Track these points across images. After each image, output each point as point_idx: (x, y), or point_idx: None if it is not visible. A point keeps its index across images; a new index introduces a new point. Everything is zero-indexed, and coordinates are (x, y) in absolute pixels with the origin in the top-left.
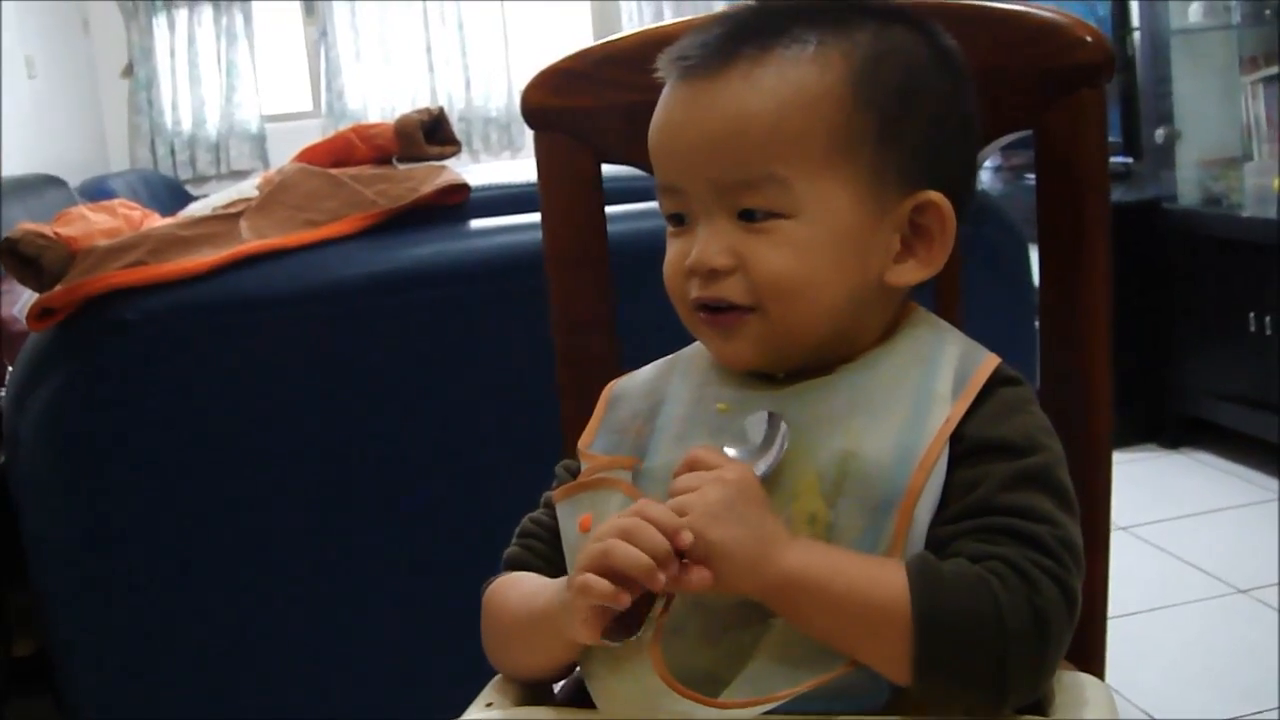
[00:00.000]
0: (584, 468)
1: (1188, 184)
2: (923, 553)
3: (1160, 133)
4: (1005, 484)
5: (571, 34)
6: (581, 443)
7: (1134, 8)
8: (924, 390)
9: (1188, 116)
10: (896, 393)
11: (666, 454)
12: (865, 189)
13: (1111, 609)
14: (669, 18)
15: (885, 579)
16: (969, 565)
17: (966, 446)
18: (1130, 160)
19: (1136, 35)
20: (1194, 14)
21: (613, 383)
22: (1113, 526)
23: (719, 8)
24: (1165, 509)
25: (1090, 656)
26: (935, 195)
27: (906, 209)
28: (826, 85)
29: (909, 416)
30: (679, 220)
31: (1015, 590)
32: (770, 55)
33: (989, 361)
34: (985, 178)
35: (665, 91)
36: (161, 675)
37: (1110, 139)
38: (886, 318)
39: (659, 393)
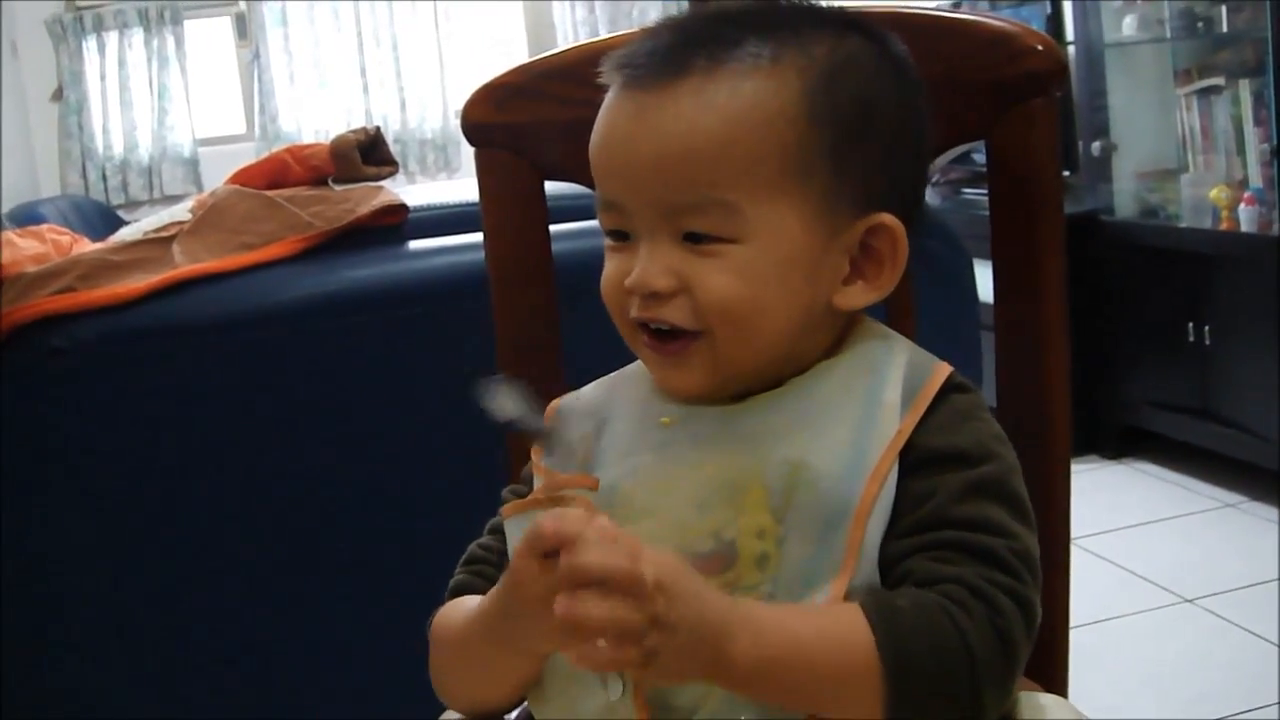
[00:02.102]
0: (537, 481)
1: (1125, 196)
2: (877, 590)
3: (1097, 145)
4: (958, 495)
5: (507, 55)
6: (534, 455)
7: (1068, 21)
8: (872, 399)
9: (1123, 129)
10: (844, 402)
11: (612, 469)
12: (816, 212)
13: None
14: (603, 33)
15: (845, 634)
16: (927, 596)
17: (918, 456)
18: (1067, 173)
19: (1071, 48)
20: (1128, 27)
21: (556, 401)
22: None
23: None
24: (1109, 520)
25: (1053, 676)
26: (887, 218)
27: (858, 231)
28: (781, 104)
29: (857, 427)
30: (620, 236)
31: (978, 616)
32: (723, 69)
33: (940, 370)
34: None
35: (609, 99)
36: (94, 703)
37: None
38: (834, 335)
39: (603, 410)
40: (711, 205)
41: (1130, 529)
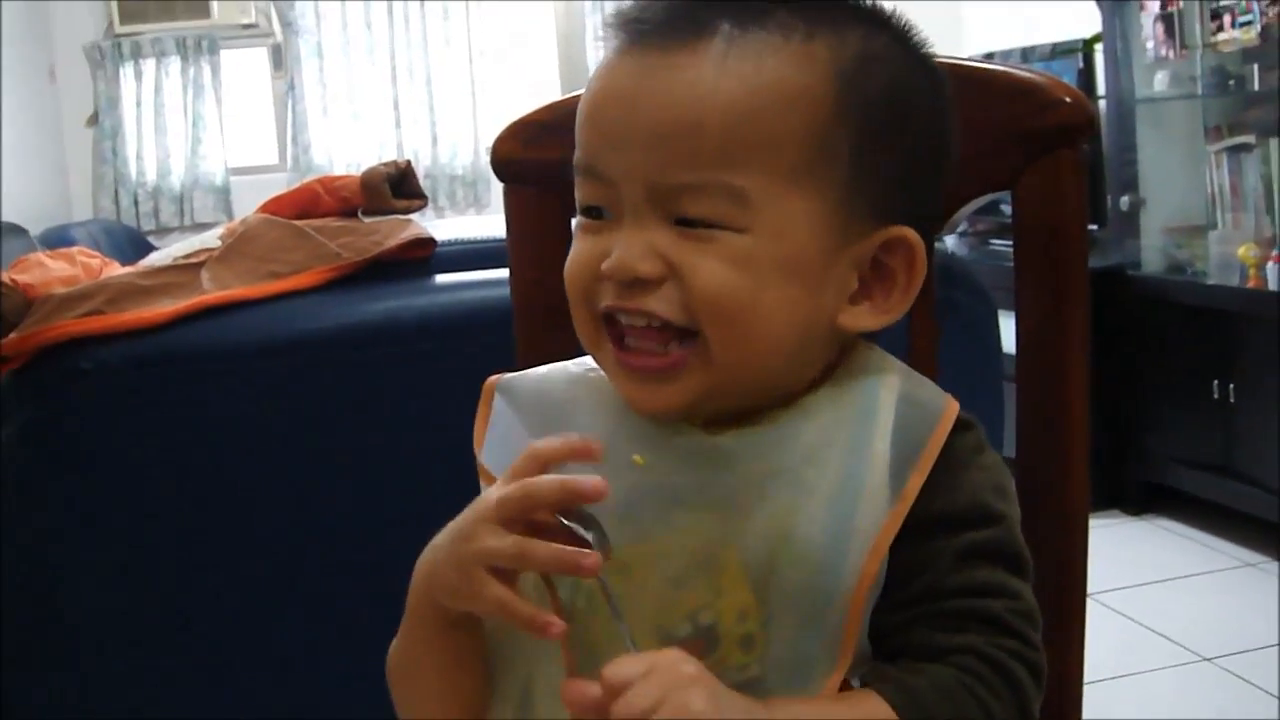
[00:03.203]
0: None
1: (1152, 251)
2: (889, 671)
3: (1125, 200)
4: (955, 563)
5: (539, 94)
6: (476, 444)
7: (1100, 76)
8: (860, 450)
9: (1152, 184)
10: (829, 455)
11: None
12: (830, 213)
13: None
14: None
15: (872, 712)
16: (944, 673)
17: (914, 523)
18: (1095, 227)
19: (1102, 103)
20: (1159, 83)
21: (494, 378)
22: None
23: None
24: (1129, 575)
25: None
26: (909, 232)
27: (873, 244)
28: (810, 84)
29: (843, 486)
30: (597, 214)
31: (996, 688)
32: (749, 36)
33: (946, 418)
34: (950, 242)
35: (607, 58)
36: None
37: None
38: (828, 357)
39: (562, 412)
40: (715, 188)
41: (1150, 585)
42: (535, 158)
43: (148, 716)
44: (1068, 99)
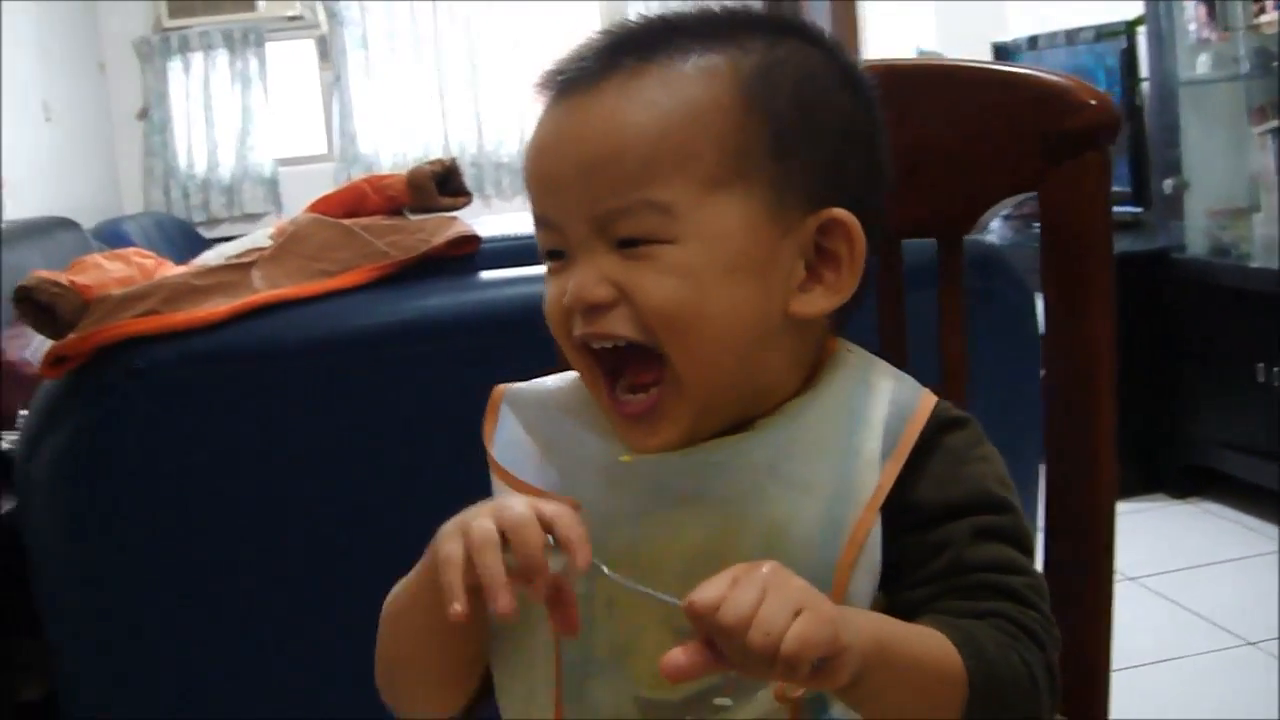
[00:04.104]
0: (497, 488)
1: (1196, 234)
2: (947, 619)
3: (1169, 183)
4: (970, 541)
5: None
6: (486, 441)
7: (1142, 58)
8: (850, 450)
9: (1196, 167)
10: (821, 454)
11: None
12: (760, 208)
13: (1119, 660)
14: None
15: (938, 641)
16: (987, 626)
17: (919, 515)
18: (1139, 210)
19: (1145, 86)
20: (1202, 65)
21: (503, 387)
22: (1121, 577)
23: None
24: (1173, 559)
25: (1093, 716)
26: (841, 213)
27: (810, 229)
28: (713, 95)
29: (836, 484)
30: (558, 255)
31: (1031, 650)
32: (652, 64)
33: (923, 406)
34: (995, 226)
35: (541, 113)
36: (168, 716)
37: (1119, 189)
38: (804, 358)
39: (558, 420)
40: (642, 207)
41: (1195, 569)
42: None
43: (196, 712)
44: (1092, 101)
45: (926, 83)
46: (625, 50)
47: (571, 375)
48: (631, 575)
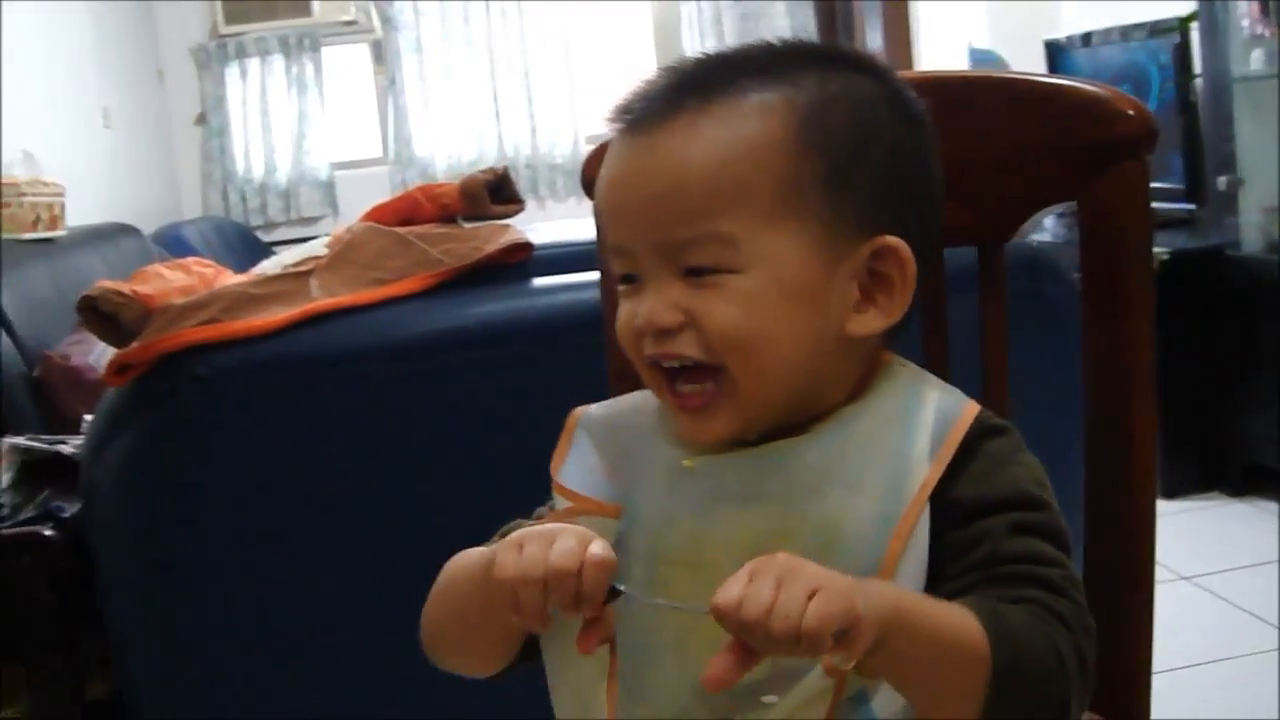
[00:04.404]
0: (558, 502)
1: (1251, 230)
2: (977, 600)
3: (1223, 180)
4: (1009, 534)
5: (636, 81)
6: (554, 468)
7: (1196, 54)
8: (901, 453)
9: (1250, 163)
10: (873, 457)
11: (646, 509)
12: (816, 238)
13: (1173, 660)
14: None
15: (961, 615)
16: (1019, 609)
17: (959, 511)
18: (1193, 207)
19: (1199, 82)
20: (1256, 61)
21: (578, 410)
22: (1175, 576)
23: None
24: (1229, 558)
25: (1133, 716)
26: (893, 240)
27: (863, 255)
28: (769, 134)
29: (888, 485)
30: (630, 279)
31: (1060, 632)
32: (712, 107)
33: (966, 414)
34: (1048, 224)
35: (610, 147)
36: (225, 717)
37: (1172, 185)
38: (856, 370)
39: (628, 431)
40: (707, 239)
41: (1251, 568)
42: None
43: (257, 711)
44: (1130, 112)
45: (968, 94)
46: (688, 91)
47: (639, 394)
48: (690, 570)
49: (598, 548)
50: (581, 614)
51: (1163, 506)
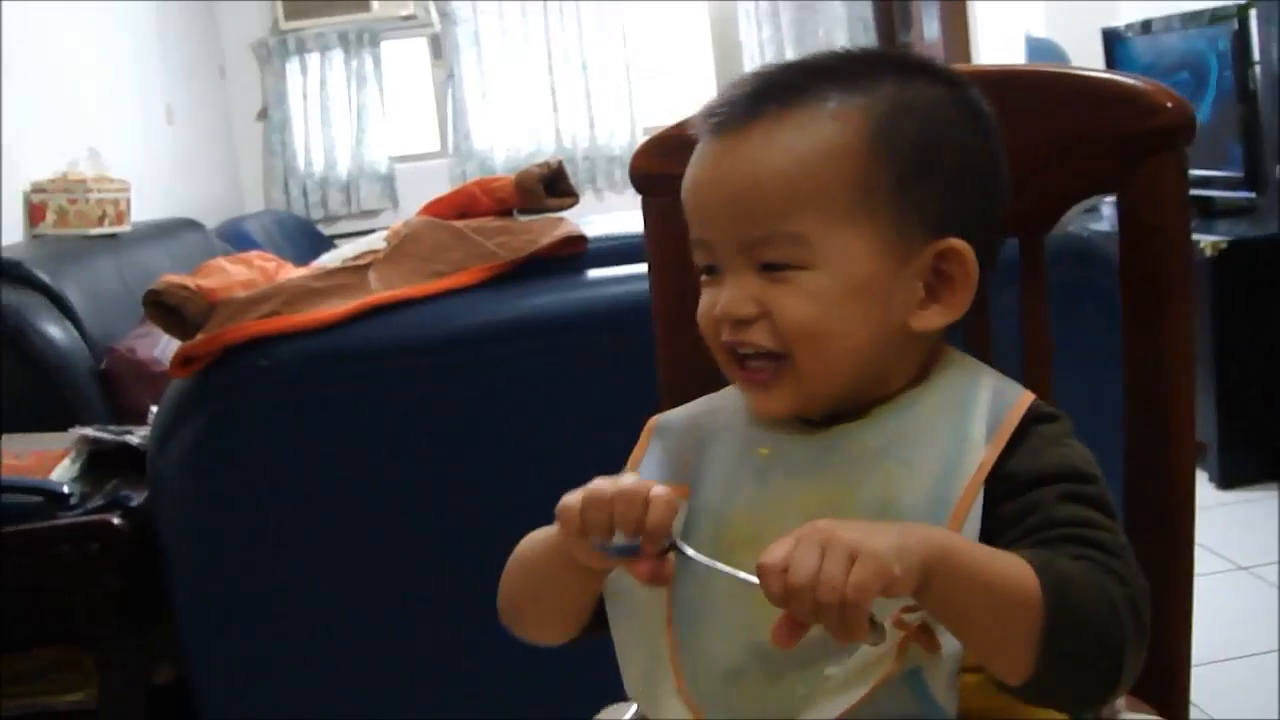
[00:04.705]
0: None
1: None
2: (1031, 549)
3: None
4: (1057, 503)
5: (693, 72)
6: (631, 459)
7: (1254, 41)
8: (959, 435)
9: None
10: (931, 438)
11: (713, 492)
12: (885, 239)
13: (1228, 650)
14: (789, 51)
15: (1013, 561)
16: (1073, 561)
17: (1011, 485)
18: (1253, 195)
19: (1258, 69)
20: None
21: (656, 417)
22: (1233, 566)
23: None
24: None
25: (1172, 703)
26: (957, 243)
27: (928, 257)
28: (844, 141)
29: (945, 464)
30: (711, 270)
31: (1112, 583)
32: (791, 113)
33: (1023, 401)
34: (1106, 212)
35: (697, 148)
36: (293, 705)
37: (1232, 174)
38: (918, 360)
39: (703, 429)
40: (782, 237)
41: None
42: (669, 171)
43: (321, 696)
44: (1169, 104)
45: (1009, 87)
46: (769, 97)
47: (713, 396)
48: (749, 547)
49: (662, 489)
50: (643, 552)
51: (1219, 496)
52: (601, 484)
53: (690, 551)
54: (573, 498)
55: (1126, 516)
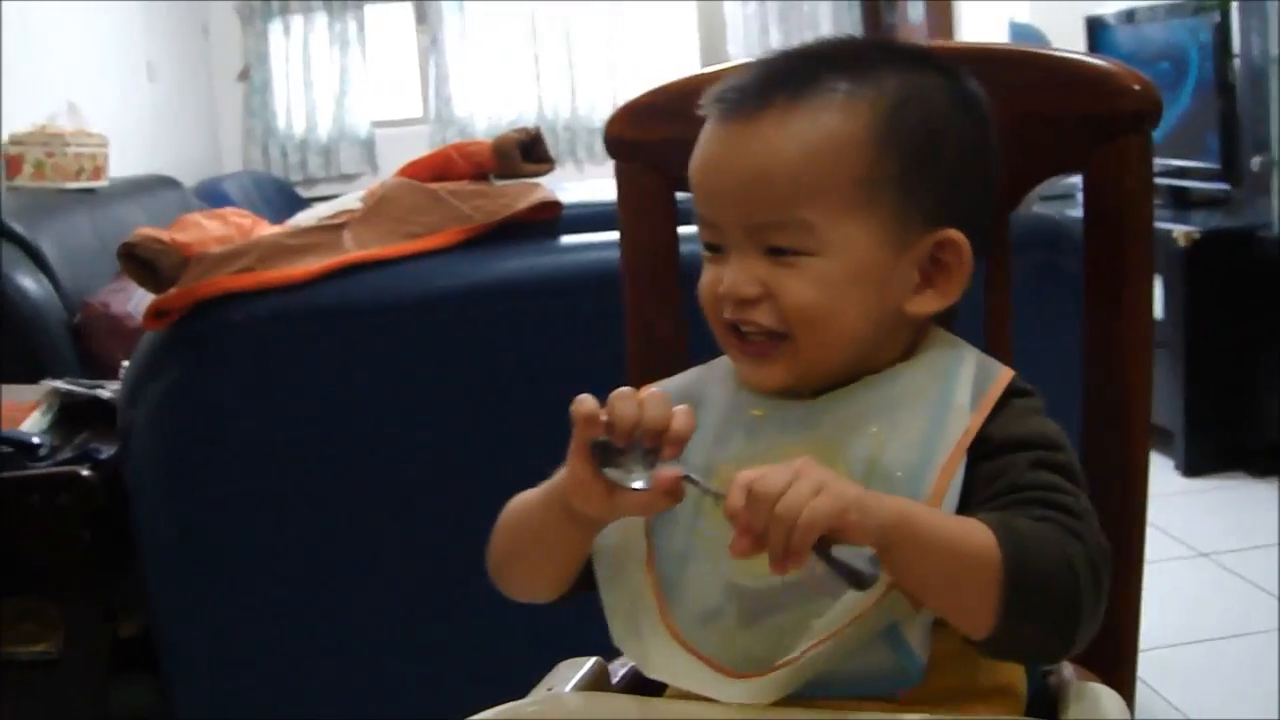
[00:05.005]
0: None
1: None
2: (994, 514)
3: (1257, 160)
4: (1026, 468)
5: (677, 46)
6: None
7: (1235, 33)
8: (944, 401)
9: None
10: (918, 404)
11: (704, 454)
12: (886, 228)
13: (1187, 634)
14: (773, 27)
15: (974, 525)
16: (1034, 522)
17: (986, 447)
18: (1228, 187)
19: (1237, 62)
20: None
21: (647, 386)
22: (1193, 552)
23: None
24: (1248, 537)
25: (1118, 672)
26: (954, 233)
27: (926, 246)
28: (851, 133)
29: (928, 426)
30: (714, 248)
31: (1071, 542)
32: (801, 103)
33: (1004, 376)
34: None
35: (705, 128)
36: (258, 661)
37: (1209, 165)
38: (908, 338)
39: (694, 396)
40: (789, 223)
41: (1269, 547)
42: (642, 137)
43: (280, 648)
44: (1136, 87)
45: (976, 65)
46: (779, 85)
47: (699, 368)
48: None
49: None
50: (663, 456)
51: (1185, 484)
52: (626, 387)
53: (698, 479)
54: (588, 397)
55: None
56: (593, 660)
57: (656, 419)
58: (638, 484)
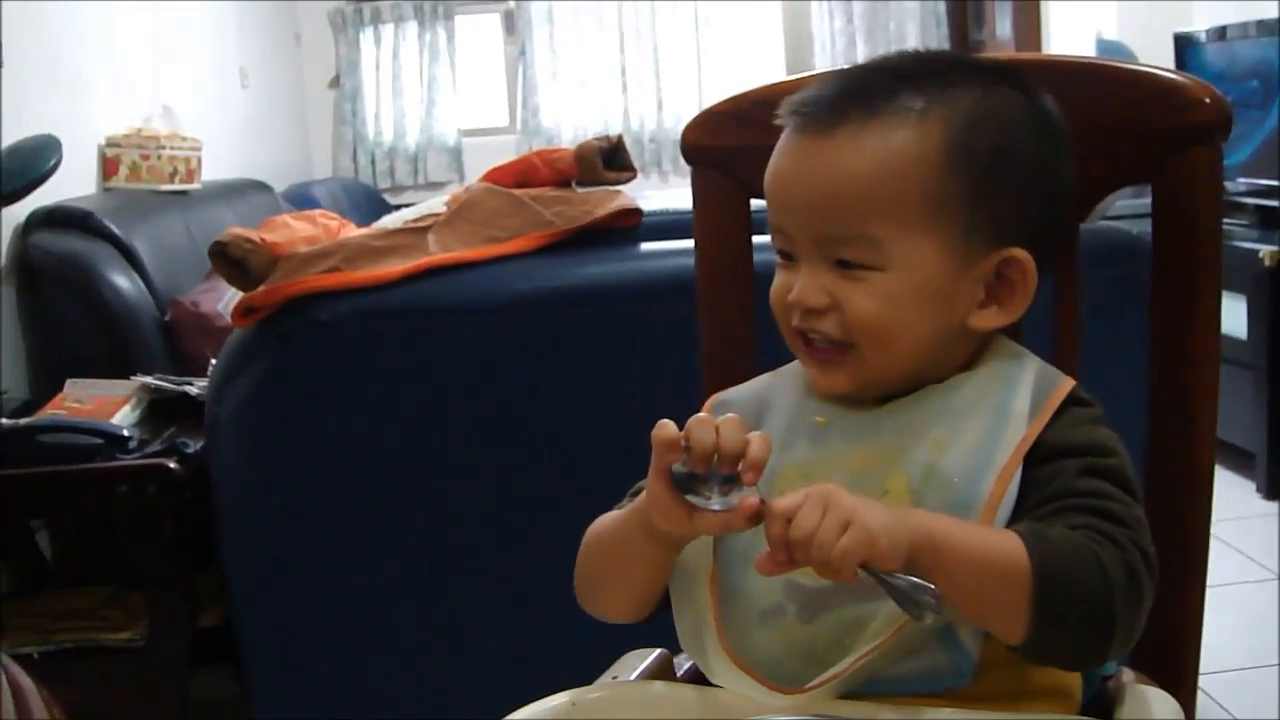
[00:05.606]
0: None
1: None
2: (1028, 524)
3: None
4: (1078, 475)
5: (763, 59)
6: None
7: None
8: (1003, 409)
9: None
10: (977, 411)
11: (771, 458)
12: (953, 246)
13: (1263, 657)
14: (860, 40)
15: (1004, 537)
16: (1070, 532)
17: (1044, 452)
18: None
19: None
20: None
21: (717, 394)
22: (1273, 575)
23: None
24: None
25: (1179, 680)
26: (1019, 252)
27: (992, 263)
28: (922, 152)
29: (987, 433)
30: (786, 255)
31: (1107, 549)
32: (875, 119)
33: (1065, 385)
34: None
35: (782, 139)
36: (331, 652)
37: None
38: (971, 349)
39: (763, 401)
40: (859, 238)
41: None
42: (718, 144)
43: (358, 643)
44: (1207, 100)
45: (1049, 77)
46: (854, 102)
47: (771, 374)
48: (798, 487)
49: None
50: (743, 482)
51: (1266, 507)
52: (703, 415)
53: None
54: (668, 423)
55: (1145, 505)
56: (659, 651)
57: (733, 446)
58: (715, 507)
